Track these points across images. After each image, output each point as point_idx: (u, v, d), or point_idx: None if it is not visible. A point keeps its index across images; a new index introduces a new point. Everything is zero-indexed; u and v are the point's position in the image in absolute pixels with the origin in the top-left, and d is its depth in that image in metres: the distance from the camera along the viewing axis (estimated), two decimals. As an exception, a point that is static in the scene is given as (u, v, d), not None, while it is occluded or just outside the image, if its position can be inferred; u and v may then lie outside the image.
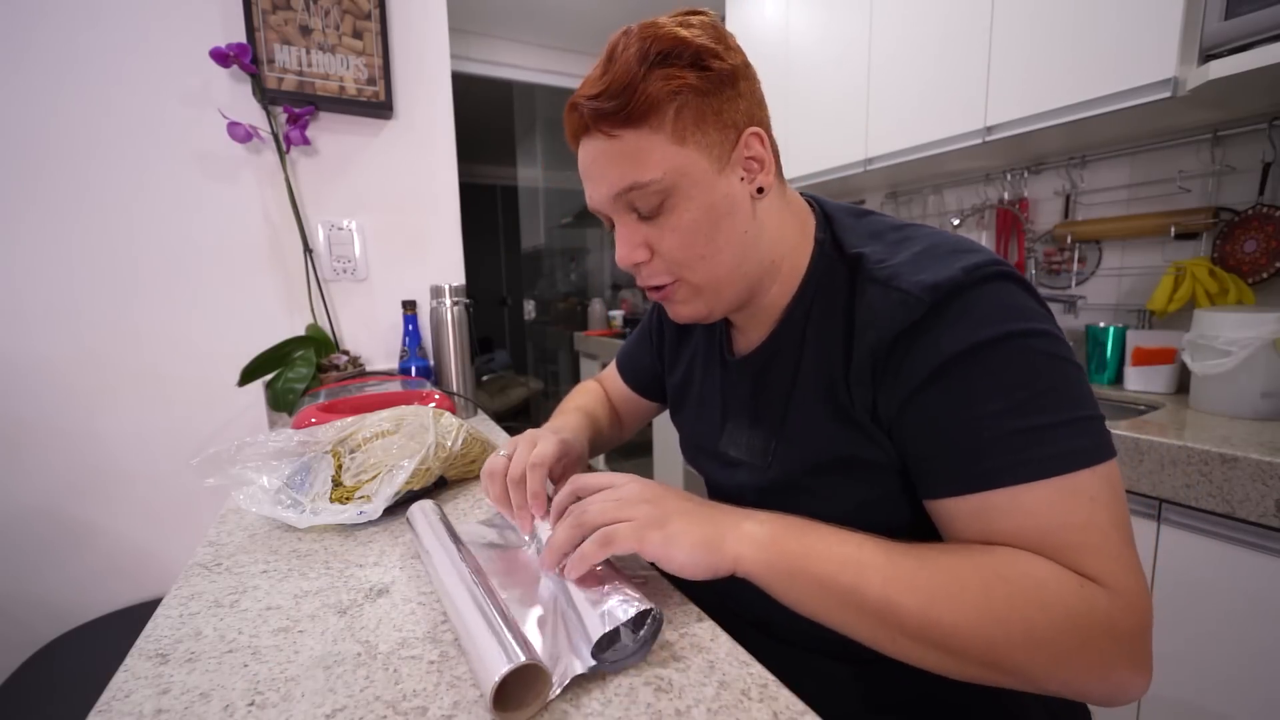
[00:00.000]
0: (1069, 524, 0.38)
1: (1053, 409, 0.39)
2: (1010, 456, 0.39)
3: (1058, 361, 0.41)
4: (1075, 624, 0.36)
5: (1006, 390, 0.40)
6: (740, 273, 0.51)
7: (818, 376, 0.50)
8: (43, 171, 1.06)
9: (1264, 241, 1.11)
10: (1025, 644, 0.36)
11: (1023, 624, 0.36)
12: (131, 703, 0.34)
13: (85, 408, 1.13)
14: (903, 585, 0.38)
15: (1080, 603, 0.36)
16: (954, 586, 0.37)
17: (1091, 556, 0.37)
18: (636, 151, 0.46)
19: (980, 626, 0.36)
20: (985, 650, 0.36)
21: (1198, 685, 0.86)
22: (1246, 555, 0.80)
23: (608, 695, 0.34)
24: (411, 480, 0.62)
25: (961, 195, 1.69)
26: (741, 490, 0.57)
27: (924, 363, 0.41)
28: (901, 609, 0.37)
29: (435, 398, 0.93)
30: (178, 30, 1.13)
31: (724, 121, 0.47)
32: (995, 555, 0.39)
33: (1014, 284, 0.43)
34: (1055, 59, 1.16)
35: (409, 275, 1.40)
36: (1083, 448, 0.39)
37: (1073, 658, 0.36)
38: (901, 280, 0.44)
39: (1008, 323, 0.41)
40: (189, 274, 1.19)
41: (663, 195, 0.47)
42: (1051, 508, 0.38)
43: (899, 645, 0.39)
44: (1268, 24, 0.88)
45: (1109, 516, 0.38)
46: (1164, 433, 0.90)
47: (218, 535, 0.58)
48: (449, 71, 1.40)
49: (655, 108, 0.45)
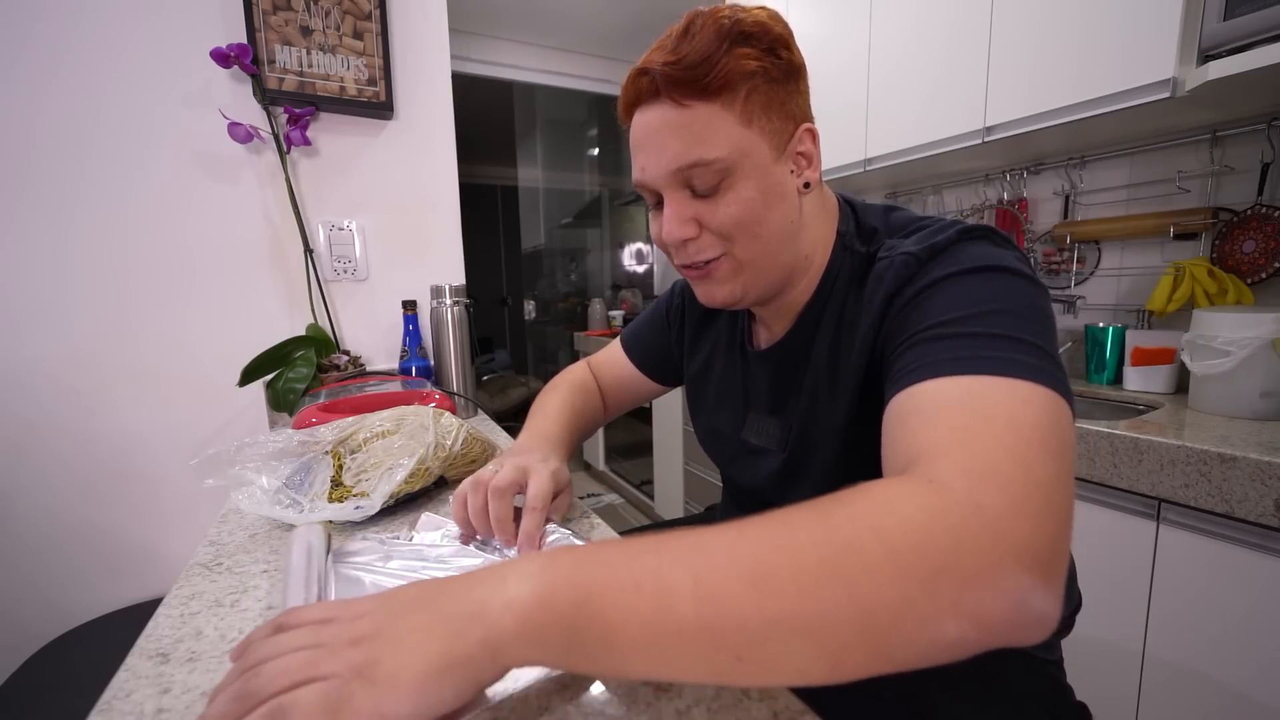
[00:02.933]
0: (979, 412, 0.33)
1: (1009, 326, 0.38)
2: (949, 353, 0.38)
3: (1030, 297, 0.41)
4: (934, 517, 0.28)
5: (969, 304, 0.40)
6: (779, 260, 0.52)
7: (827, 359, 0.52)
8: (43, 171, 1.07)
9: (1263, 242, 1.11)
10: (890, 569, 0.26)
11: (876, 539, 0.27)
12: (132, 702, 0.34)
13: (86, 408, 1.13)
14: (721, 578, 0.27)
15: (933, 493, 0.29)
16: (786, 539, 0.28)
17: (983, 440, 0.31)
18: (705, 126, 0.46)
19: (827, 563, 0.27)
20: (847, 598, 0.26)
21: (1197, 685, 0.86)
22: (1245, 555, 0.81)
23: (608, 695, 0.34)
24: (411, 480, 0.62)
25: (961, 195, 1.69)
26: (759, 477, 0.60)
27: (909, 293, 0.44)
28: (727, 610, 0.27)
29: (435, 398, 0.93)
30: (178, 31, 1.13)
31: (785, 112, 0.48)
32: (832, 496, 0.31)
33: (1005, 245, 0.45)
34: (1055, 59, 1.16)
35: (409, 275, 1.40)
36: (1030, 364, 0.35)
37: (950, 568, 0.26)
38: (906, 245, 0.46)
39: (989, 259, 0.42)
40: (190, 274, 1.19)
41: (722, 174, 0.47)
42: (968, 396, 0.34)
43: (750, 663, 0.27)
44: (1266, 24, 0.88)
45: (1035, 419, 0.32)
46: (1163, 433, 0.91)
47: (218, 535, 0.58)
48: (449, 71, 1.40)
49: (730, 84, 0.45)
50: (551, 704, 0.33)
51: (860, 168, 1.63)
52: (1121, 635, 0.94)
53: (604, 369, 0.82)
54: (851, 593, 0.26)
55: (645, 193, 0.52)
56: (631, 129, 0.50)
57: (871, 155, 1.60)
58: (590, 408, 0.77)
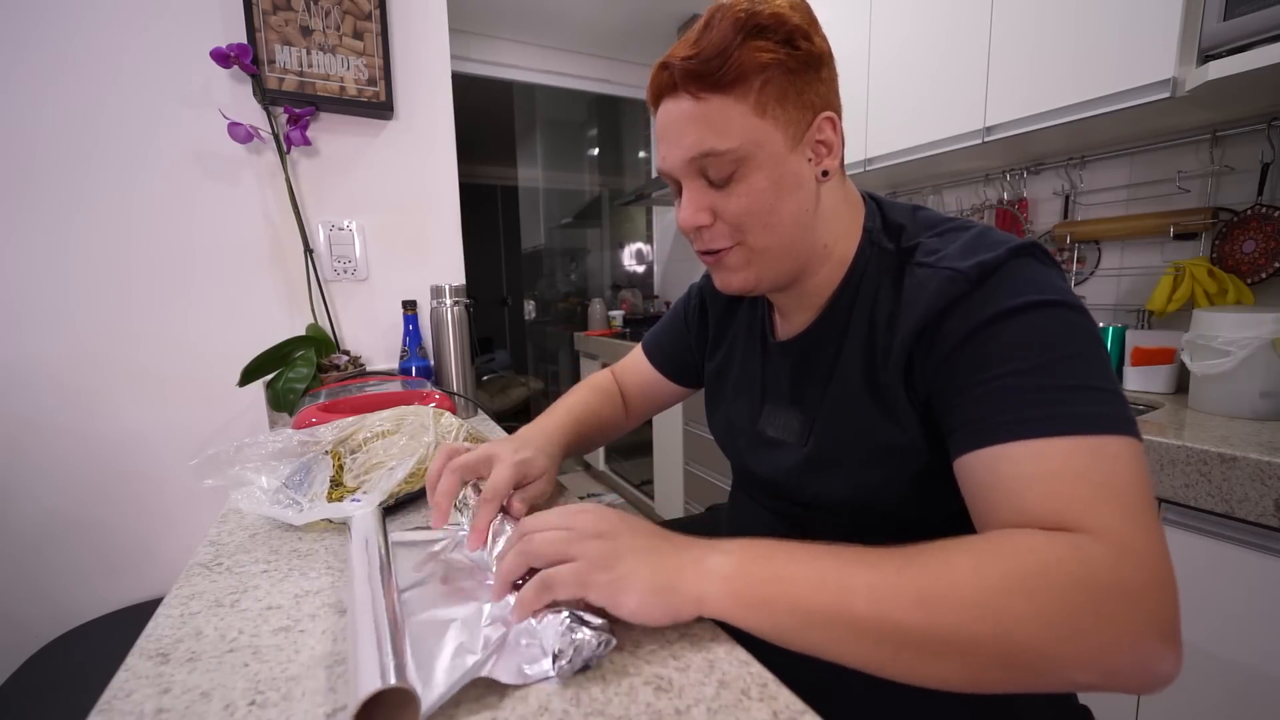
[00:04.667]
0: (1084, 478, 0.35)
1: (1081, 374, 0.39)
2: (1030, 411, 0.38)
3: (1089, 334, 0.41)
4: (1081, 585, 0.32)
5: (1034, 351, 0.40)
6: (794, 249, 0.52)
7: (859, 358, 0.51)
8: (43, 172, 1.07)
9: (1263, 242, 1.11)
10: (1036, 623, 0.32)
11: (1027, 599, 0.32)
12: (132, 702, 0.34)
13: (86, 407, 1.13)
14: (891, 590, 0.34)
15: (1079, 563, 0.33)
16: (948, 578, 0.34)
17: (1099, 510, 0.34)
18: (719, 117, 0.47)
19: (985, 616, 0.32)
20: (997, 641, 0.32)
21: (1196, 685, 0.86)
22: (1245, 555, 0.81)
23: (608, 695, 0.34)
24: (410, 479, 0.62)
25: (961, 195, 1.69)
26: (776, 472, 0.60)
27: (960, 328, 0.43)
28: (896, 618, 0.33)
29: (435, 398, 0.93)
30: (178, 31, 1.13)
31: (803, 102, 0.49)
32: (985, 538, 0.37)
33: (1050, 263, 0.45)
34: (1055, 59, 1.16)
35: (409, 275, 1.40)
36: (1106, 415, 0.37)
37: (1092, 629, 0.31)
38: (951, 260, 0.45)
39: (1043, 293, 0.42)
40: (190, 274, 1.19)
41: (735, 164, 0.48)
42: (1070, 461, 0.36)
43: (902, 662, 0.34)
44: (1266, 24, 0.88)
45: (1130, 479, 0.35)
46: (1163, 432, 0.91)
47: (218, 535, 0.58)
48: (449, 71, 1.40)
49: (743, 77, 0.47)
50: (551, 704, 0.33)
51: (860, 168, 1.63)
52: (1121, 635, 0.94)
53: (626, 375, 0.83)
54: (1001, 635, 0.32)
55: (668, 181, 0.54)
56: (656, 121, 0.52)
57: (871, 155, 1.60)
58: (608, 409, 0.79)
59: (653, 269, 3.48)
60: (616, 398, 0.82)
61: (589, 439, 0.75)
